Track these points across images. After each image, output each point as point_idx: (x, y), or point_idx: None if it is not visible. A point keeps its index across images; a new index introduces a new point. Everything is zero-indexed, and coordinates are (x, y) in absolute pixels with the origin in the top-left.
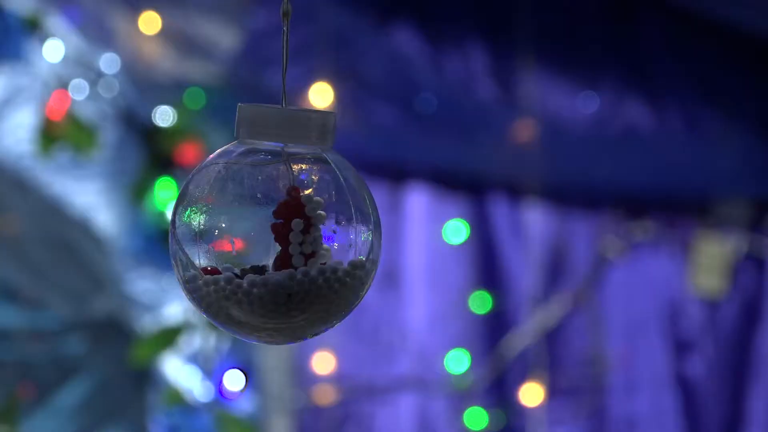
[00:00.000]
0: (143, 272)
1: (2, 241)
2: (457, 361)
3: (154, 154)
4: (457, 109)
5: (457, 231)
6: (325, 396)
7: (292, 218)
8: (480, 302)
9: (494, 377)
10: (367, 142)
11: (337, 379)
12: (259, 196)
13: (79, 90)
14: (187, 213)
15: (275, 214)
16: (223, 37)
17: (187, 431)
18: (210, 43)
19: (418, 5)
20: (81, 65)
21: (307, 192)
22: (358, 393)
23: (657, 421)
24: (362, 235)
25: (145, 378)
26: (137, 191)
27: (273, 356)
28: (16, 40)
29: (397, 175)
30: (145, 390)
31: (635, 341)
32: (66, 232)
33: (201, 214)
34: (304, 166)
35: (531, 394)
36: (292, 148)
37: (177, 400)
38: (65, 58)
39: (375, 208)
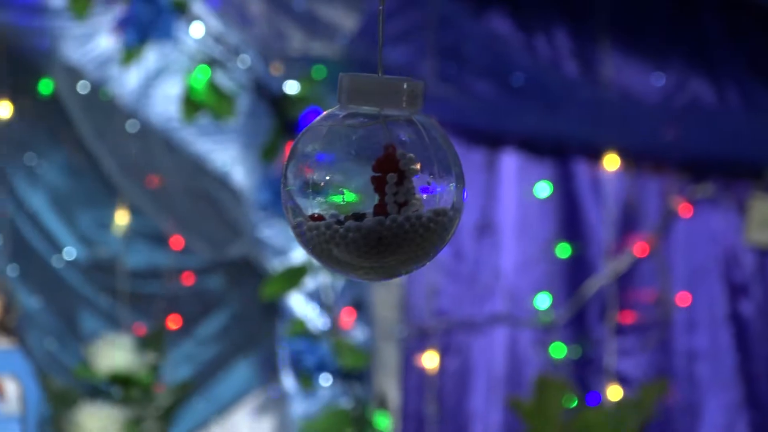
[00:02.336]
0: (273, 221)
1: (153, 194)
2: (542, 301)
3: (282, 119)
4: (544, 84)
5: (542, 191)
6: (429, 328)
7: (388, 172)
8: (562, 251)
9: (573, 315)
10: (467, 113)
11: (440, 313)
12: (359, 153)
13: (218, 65)
14: (296, 168)
15: (374, 168)
16: (345, 19)
17: (309, 357)
18: (333, 24)
19: None
20: (220, 43)
21: (400, 149)
22: (457, 326)
23: (714, 354)
24: (447, 187)
25: (274, 311)
26: (267, 151)
27: (383, 292)
28: (166, 22)
29: (493, 140)
30: (274, 321)
31: (696, 285)
32: (207, 185)
33: (308, 168)
34: (398, 127)
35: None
36: (387, 111)
37: (301, 330)
38: (207, 37)
39: (458, 164)
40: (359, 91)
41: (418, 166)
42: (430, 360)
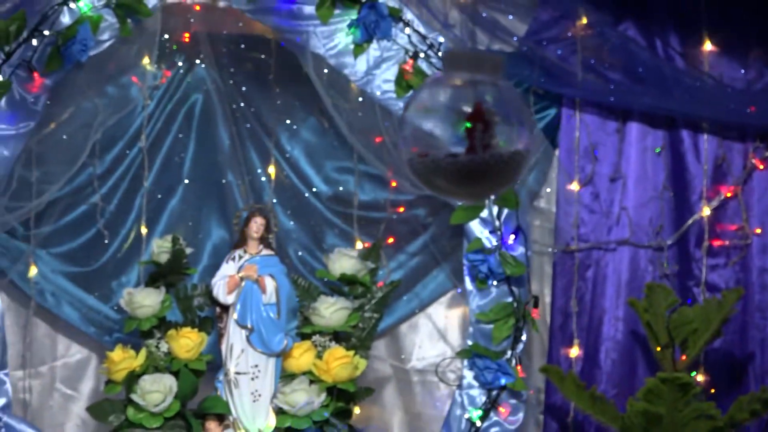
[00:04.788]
0: None
1: (376, 148)
2: (655, 229)
3: None
4: (660, 74)
5: (655, 151)
6: (573, 247)
7: (477, 122)
8: (668, 195)
9: (677, 240)
10: (604, 94)
11: (581, 237)
12: (456, 107)
13: (421, 55)
14: (410, 116)
15: (466, 119)
16: (517, 25)
17: (483, 265)
18: (509, 29)
19: (638, 8)
20: (422, 42)
21: (486, 105)
22: (594, 247)
23: None
24: (521, 135)
25: (461, 232)
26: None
27: (537, 218)
28: (386, 24)
29: (622, 114)
30: (461, 240)
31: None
32: None
33: (419, 118)
34: (485, 88)
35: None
36: (478, 78)
37: (478, 246)
38: (414, 36)
39: (530, 117)
40: (458, 63)
41: (498, 119)
42: (573, 271)
